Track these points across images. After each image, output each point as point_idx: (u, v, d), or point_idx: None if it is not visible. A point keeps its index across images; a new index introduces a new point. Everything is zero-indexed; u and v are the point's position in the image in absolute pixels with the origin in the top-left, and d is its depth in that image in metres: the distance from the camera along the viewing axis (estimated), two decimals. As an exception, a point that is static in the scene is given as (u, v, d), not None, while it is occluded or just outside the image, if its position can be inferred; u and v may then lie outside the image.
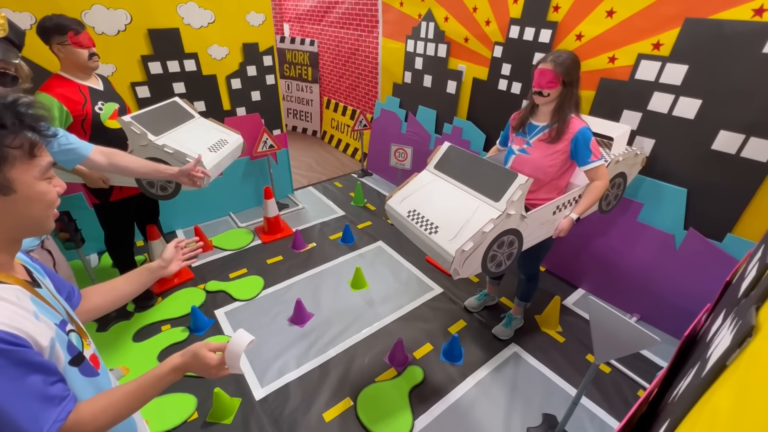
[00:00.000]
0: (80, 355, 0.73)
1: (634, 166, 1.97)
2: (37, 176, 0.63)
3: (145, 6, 2.33)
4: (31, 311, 0.63)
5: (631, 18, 1.97)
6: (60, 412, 0.61)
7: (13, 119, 0.59)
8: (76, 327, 0.77)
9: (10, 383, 0.56)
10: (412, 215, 1.61)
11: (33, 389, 0.59)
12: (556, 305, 2.20)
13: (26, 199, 0.62)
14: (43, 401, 0.59)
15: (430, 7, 3.00)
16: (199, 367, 0.77)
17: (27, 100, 0.63)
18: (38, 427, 0.58)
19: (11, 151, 0.58)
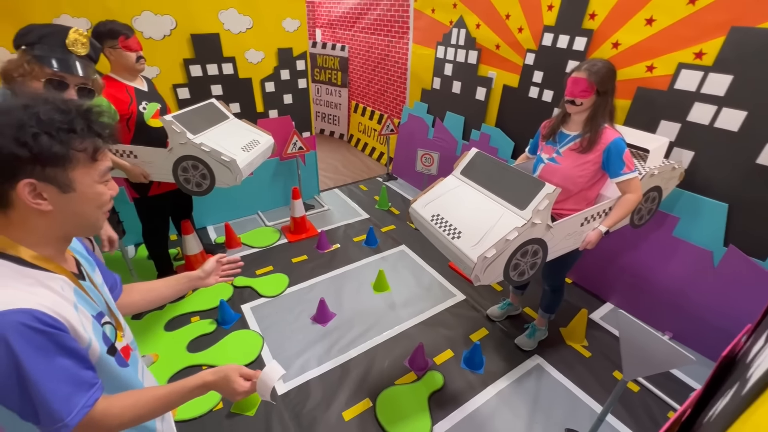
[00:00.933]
0: (113, 347, 0.77)
1: (670, 180, 1.90)
2: (96, 179, 0.68)
3: (189, 12, 2.46)
4: (71, 302, 0.68)
5: (672, 26, 1.91)
6: (88, 399, 0.65)
7: (83, 125, 0.64)
8: (113, 319, 0.81)
9: (48, 364, 0.60)
10: (436, 219, 1.62)
11: (67, 372, 0.62)
12: (582, 318, 2.14)
13: (83, 198, 0.67)
14: (75, 385, 0.63)
15: (462, 14, 3.01)
16: (227, 390, 0.78)
17: (99, 109, 0.68)
18: (68, 409, 0.62)
19: (76, 154, 0.63)
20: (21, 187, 0.60)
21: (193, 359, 1.98)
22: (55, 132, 0.60)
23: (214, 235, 3.06)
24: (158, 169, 1.90)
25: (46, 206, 0.63)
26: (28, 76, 1.23)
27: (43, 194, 0.62)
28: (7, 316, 0.57)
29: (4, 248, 0.64)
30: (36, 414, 0.61)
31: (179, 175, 1.92)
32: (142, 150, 1.87)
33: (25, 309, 0.59)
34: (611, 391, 1.81)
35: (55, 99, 0.64)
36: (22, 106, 0.60)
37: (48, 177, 0.62)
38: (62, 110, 0.62)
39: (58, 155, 0.61)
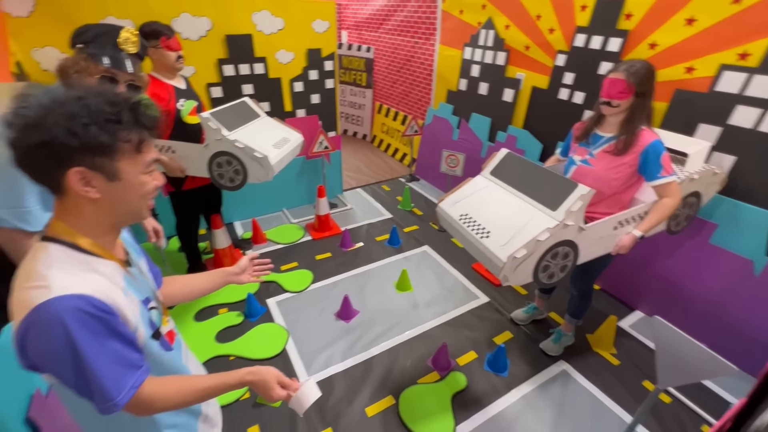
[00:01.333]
0: (157, 331, 0.81)
1: (711, 186, 1.84)
2: (141, 169, 0.70)
3: (224, 13, 2.54)
4: (121, 287, 0.72)
5: (715, 26, 1.85)
6: (136, 380, 0.68)
7: (129, 118, 0.66)
8: (159, 305, 0.86)
9: (100, 346, 0.64)
10: (464, 219, 1.61)
11: (117, 354, 0.66)
12: (611, 325, 2.08)
13: (128, 187, 0.69)
14: (124, 366, 0.67)
15: (491, 15, 2.99)
16: (263, 393, 0.81)
17: (147, 102, 0.71)
18: (118, 389, 0.66)
19: (122, 145, 0.66)
20: (71, 175, 0.63)
21: (222, 349, 2.04)
22: (103, 123, 0.63)
23: (240, 230, 3.14)
24: (194, 163, 1.97)
25: (94, 194, 0.66)
26: (84, 73, 1.30)
27: (91, 182, 0.65)
28: (65, 300, 0.61)
29: (63, 234, 0.68)
30: (91, 392, 0.65)
31: (213, 170, 1.98)
32: (180, 145, 1.95)
33: (81, 294, 0.62)
34: (641, 401, 1.76)
35: (106, 92, 0.66)
36: (76, 97, 0.63)
37: (96, 166, 0.65)
38: (112, 102, 0.65)
39: (105, 145, 0.64)
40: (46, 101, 0.61)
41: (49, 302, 0.60)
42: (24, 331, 0.60)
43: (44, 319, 0.60)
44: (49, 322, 0.60)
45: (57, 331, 0.60)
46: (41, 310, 0.60)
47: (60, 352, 0.61)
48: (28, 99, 0.62)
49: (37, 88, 0.63)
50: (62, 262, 0.65)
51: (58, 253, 0.66)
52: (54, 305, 0.60)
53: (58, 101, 0.62)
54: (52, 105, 0.61)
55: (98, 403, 0.65)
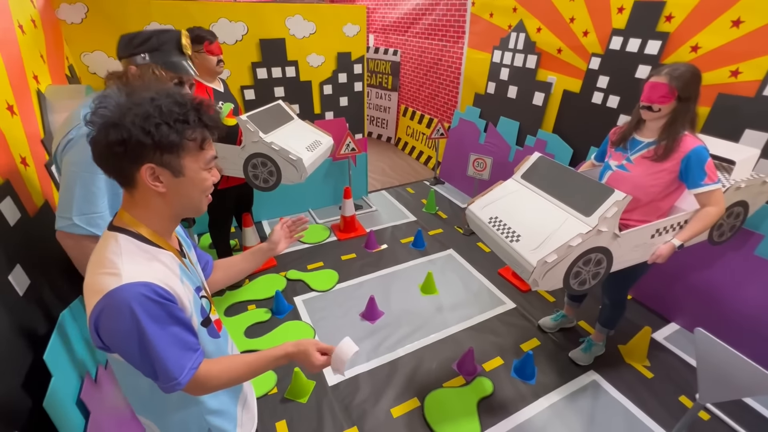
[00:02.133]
0: (208, 318, 0.85)
1: (760, 195, 1.75)
2: (202, 165, 0.75)
3: (259, 18, 2.62)
4: (178, 275, 0.77)
5: (764, 28, 1.77)
6: (194, 361, 0.73)
7: (195, 117, 0.71)
8: (207, 294, 0.91)
9: (163, 331, 0.68)
10: (494, 222, 1.60)
11: (177, 338, 0.71)
12: (645, 337, 2.02)
13: (191, 182, 0.74)
14: (184, 349, 0.72)
15: (522, 18, 2.97)
16: (305, 362, 0.85)
17: (209, 103, 0.76)
18: (179, 370, 0.70)
19: (188, 143, 0.71)
20: (144, 170, 0.68)
21: (251, 344, 2.10)
22: (172, 122, 0.67)
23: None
24: (230, 164, 2.04)
25: (161, 188, 0.71)
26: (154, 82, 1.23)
27: (160, 177, 0.70)
28: (132, 287, 0.66)
29: (130, 225, 0.73)
30: (155, 373, 0.69)
31: (249, 171, 2.04)
32: (218, 146, 2.01)
33: (146, 282, 0.67)
34: (677, 416, 1.70)
35: (175, 93, 0.71)
36: (150, 99, 0.68)
37: (164, 162, 0.69)
38: (180, 103, 0.70)
39: (173, 143, 0.68)
40: (124, 102, 0.67)
41: (119, 288, 0.65)
42: (98, 314, 0.66)
43: (115, 304, 0.65)
44: (119, 306, 0.65)
45: (126, 314, 0.65)
46: (113, 296, 0.65)
47: (127, 334, 0.66)
48: (107, 100, 0.67)
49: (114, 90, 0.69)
50: (129, 251, 0.70)
51: (126, 243, 0.71)
52: (124, 291, 0.65)
53: (134, 102, 0.67)
54: (129, 105, 0.66)
55: (162, 382, 0.70)
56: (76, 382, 1.13)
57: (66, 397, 1.04)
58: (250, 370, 0.82)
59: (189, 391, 0.75)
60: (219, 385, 0.79)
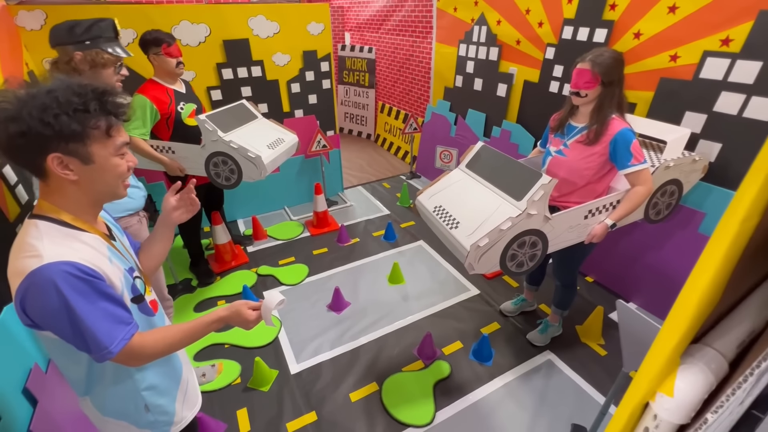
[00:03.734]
0: (141, 296, 0.91)
1: (692, 173, 1.82)
2: (112, 152, 0.78)
3: (221, 20, 2.66)
4: (106, 256, 0.82)
5: (697, 13, 1.84)
6: (126, 333, 0.78)
7: (96, 106, 0.73)
8: (142, 276, 0.96)
9: (91, 305, 0.74)
10: (438, 211, 1.67)
11: (106, 311, 0.76)
12: (598, 316, 2.09)
13: (102, 168, 0.78)
14: (114, 322, 0.77)
15: (483, 11, 3.02)
16: (239, 322, 0.91)
17: (113, 90, 0.79)
18: (110, 340, 0.75)
19: (92, 131, 0.74)
20: (50, 160, 0.71)
21: (218, 338, 2.15)
22: (72, 112, 0.70)
23: (243, 227, 3.27)
24: (192, 163, 2.09)
25: (72, 176, 0.75)
26: (99, 67, 1.33)
27: (69, 166, 0.74)
28: (55, 266, 0.71)
29: (49, 212, 0.78)
30: (87, 344, 0.75)
31: (210, 170, 2.10)
32: (179, 146, 2.07)
33: (69, 261, 0.73)
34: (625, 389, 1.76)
35: (73, 83, 0.73)
36: (46, 91, 0.70)
37: (71, 151, 0.73)
38: (78, 93, 0.72)
39: (76, 132, 0.71)
40: (22, 95, 0.69)
41: (42, 267, 0.70)
42: (23, 294, 0.71)
43: (39, 283, 0.70)
44: (43, 284, 0.70)
45: (51, 291, 0.70)
46: (36, 275, 0.70)
47: (55, 309, 0.71)
48: (7, 94, 0.70)
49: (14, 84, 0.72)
50: (50, 234, 0.75)
51: (46, 228, 0.76)
52: (46, 270, 0.70)
53: (31, 95, 0.70)
54: (26, 98, 0.69)
55: (94, 352, 0.75)
56: (22, 371, 1.17)
57: (8, 385, 1.09)
58: (186, 335, 0.87)
59: (125, 362, 0.80)
60: (155, 352, 0.83)
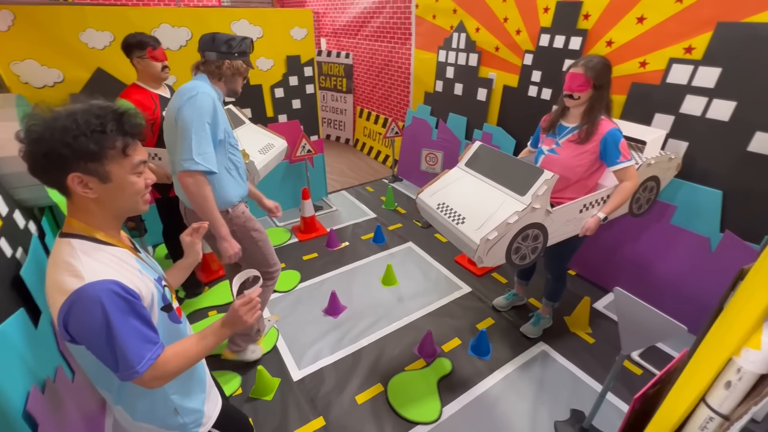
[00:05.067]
0: (169, 305, 0.92)
1: (668, 171, 1.98)
2: (128, 170, 0.79)
3: (203, 23, 2.60)
4: (136, 269, 0.83)
5: (662, 23, 2.01)
6: (153, 353, 0.79)
7: (113, 127, 0.75)
8: (168, 284, 0.97)
9: (127, 324, 0.75)
10: (441, 207, 1.72)
11: (139, 331, 0.77)
12: (585, 306, 2.21)
13: (120, 186, 0.79)
14: (144, 342, 0.78)
15: (461, 19, 3.14)
16: (239, 322, 0.90)
17: (132, 111, 0.81)
18: (139, 360, 0.76)
19: (109, 151, 0.75)
20: (70, 179, 0.74)
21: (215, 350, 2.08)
22: (89, 133, 0.72)
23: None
24: (180, 169, 2.02)
25: (92, 194, 0.77)
26: (238, 75, 1.57)
27: (89, 184, 0.76)
28: (102, 284, 0.73)
29: (79, 230, 0.79)
30: (116, 362, 0.75)
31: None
32: (167, 153, 1.99)
33: (114, 280, 0.74)
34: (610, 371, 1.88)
35: (92, 106, 0.76)
36: (68, 113, 0.73)
37: (90, 170, 0.74)
38: (97, 115, 0.74)
39: (93, 152, 0.73)
40: (48, 118, 0.72)
41: (87, 286, 0.72)
42: (67, 310, 0.71)
43: (85, 299, 0.71)
44: (89, 302, 0.71)
45: (96, 309, 0.72)
46: (82, 293, 0.71)
47: (97, 325, 0.72)
48: (36, 117, 0.72)
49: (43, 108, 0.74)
50: (85, 252, 0.76)
51: (81, 245, 0.77)
52: (92, 288, 0.72)
53: (55, 117, 0.72)
54: (51, 121, 0.71)
55: (121, 370, 0.76)
56: (22, 393, 1.10)
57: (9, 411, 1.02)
58: (199, 347, 0.87)
59: (147, 383, 0.80)
60: (176, 369, 0.83)
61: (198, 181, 1.40)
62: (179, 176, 1.40)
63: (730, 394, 0.39)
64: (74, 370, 1.52)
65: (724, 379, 0.39)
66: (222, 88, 1.57)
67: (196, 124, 1.36)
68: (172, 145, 1.47)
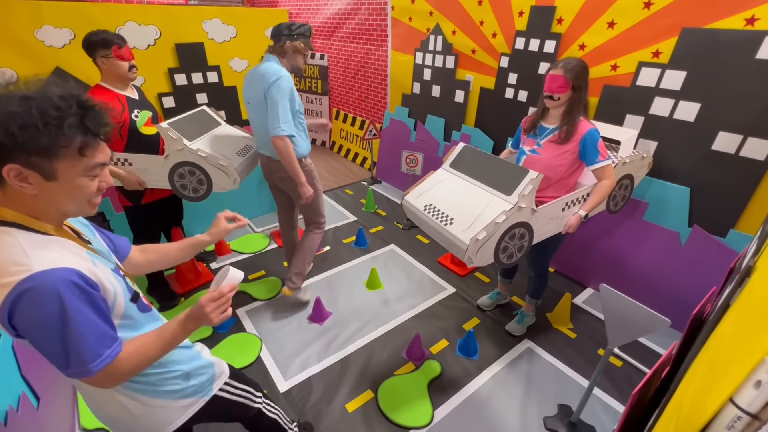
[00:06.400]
0: (136, 294, 0.85)
1: (641, 169, 2.07)
2: (80, 172, 0.70)
3: (173, 22, 2.49)
4: (88, 260, 0.74)
5: (631, 28, 2.10)
6: (112, 351, 0.72)
7: (74, 122, 0.66)
8: (125, 273, 0.89)
9: (85, 317, 0.68)
10: (428, 209, 1.71)
11: (98, 326, 0.70)
12: (566, 303, 2.27)
13: (65, 188, 0.70)
14: (102, 338, 0.71)
15: (438, 22, 3.16)
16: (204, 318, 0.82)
17: (100, 107, 0.72)
18: (94, 357, 0.69)
19: (62, 149, 0.67)
20: (6, 171, 0.64)
21: (192, 364, 1.97)
22: (42, 126, 0.63)
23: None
24: (154, 176, 1.92)
25: (30, 190, 0.68)
26: (298, 52, 1.92)
27: (28, 179, 0.67)
28: (57, 272, 0.65)
29: (16, 219, 0.69)
30: (67, 358, 0.67)
31: (176, 182, 1.93)
32: (138, 157, 1.88)
33: (71, 268, 0.67)
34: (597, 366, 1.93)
35: (54, 94, 0.67)
36: (21, 97, 0.64)
37: (33, 164, 0.66)
38: (57, 106, 0.65)
39: (43, 147, 0.65)
40: None
41: (40, 274, 0.63)
42: (13, 301, 0.63)
43: (38, 290, 0.63)
44: (43, 291, 0.63)
45: (51, 299, 0.64)
46: (34, 281, 0.63)
47: (52, 319, 0.64)
48: None
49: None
50: (30, 241, 0.67)
51: (22, 235, 0.68)
52: (46, 276, 0.64)
53: (4, 100, 0.63)
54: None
55: (72, 367, 0.68)
56: None
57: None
58: (160, 341, 0.80)
59: (99, 383, 0.73)
60: (130, 368, 0.76)
61: (285, 142, 1.85)
62: (272, 139, 1.85)
63: (760, 393, 0.39)
64: (39, 395, 1.40)
65: (753, 378, 0.39)
66: (286, 65, 1.92)
67: (281, 102, 1.80)
68: (261, 117, 1.92)
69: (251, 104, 1.95)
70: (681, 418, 0.47)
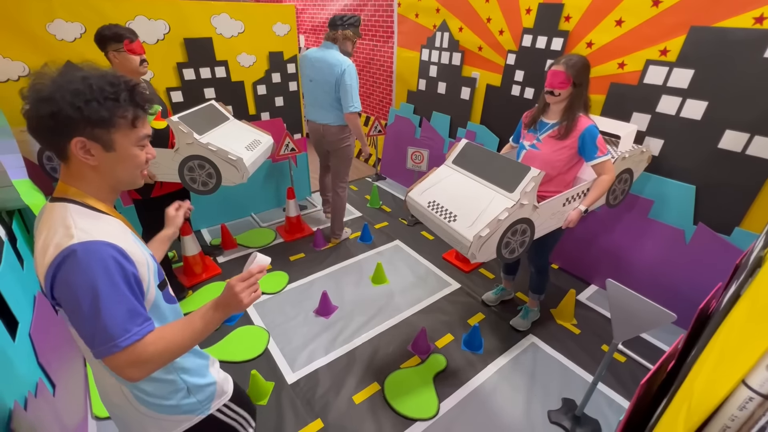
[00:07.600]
0: (165, 281, 0.88)
1: (640, 163, 2.08)
2: (133, 142, 0.79)
3: (182, 17, 2.50)
4: (131, 241, 0.79)
5: (639, 27, 2.11)
6: (140, 330, 0.71)
7: (126, 97, 0.75)
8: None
9: (118, 292, 0.70)
10: (432, 205, 1.73)
11: (129, 303, 0.71)
12: (571, 298, 2.29)
13: (122, 157, 0.78)
14: (133, 315, 0.71)
15: (444, 19, 3.17)
16: (235, 302, 0.80)
17: (143, 85, 0.79)
18: (122, 333, 0.69)
19: (119, 119, 0.75)
20: (74, 144, 0.72)
21: (201, 355, 2.01)
22: (102, 100, 0.72)
23: (209, 237, 3.08)
24: (164, 169, 1.94)
25: (93, 161, 0.75)
26: (347, 40, 2.44)
27: (91, 151, 0.74)
28: (101, 245, 0.70)
29: (73, 195, 0.76)
30: (95, 333, 0.68)
31: (185, 175, 1.96)
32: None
33: (113, 244, 0.72)
34: (600, 362, 1.96)
35: (108, 74, 0.75)
36: (81, 77, 0.72)
37: (95, 136, 0.73)
38: (112, 83, 0.74)
39: (103, 119, 0.72)
40: (57, 79, 0.70)
41: (84, 243, 0.69)
42: (57, 265, 0.68)
43: (79, 256, 0.68)
44: (84, 259, 0.68)
45: (89, 267, 0.68)
46: (78, 248, 0.68)
47: (86, 286, 0.68)
48: (43, 76, 0.70)
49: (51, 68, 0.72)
50: (83, 215, 0.74)
51: (76, 209, 0.74)
52: (90, 246, 0.69)
53: (66, 79, 0.70)
54: (62, 82, 0.70)
55: (100, 343, 0.68)
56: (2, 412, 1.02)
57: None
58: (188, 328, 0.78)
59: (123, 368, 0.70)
60: (157, 353, 0.73)
61: (356, 117, 2.44)
62: (346, 115, 2.44)
63: (773, 374, 0.41)
64: (55, 382, 1.43)
65: (766, 361, 0.41)
66: (340, 50, 2.40)
67: (354, 85, 2.37)
68: (324, 94, 2.48)
69: (315, 82, 2.46)
70: (693, 402, 0.49)
